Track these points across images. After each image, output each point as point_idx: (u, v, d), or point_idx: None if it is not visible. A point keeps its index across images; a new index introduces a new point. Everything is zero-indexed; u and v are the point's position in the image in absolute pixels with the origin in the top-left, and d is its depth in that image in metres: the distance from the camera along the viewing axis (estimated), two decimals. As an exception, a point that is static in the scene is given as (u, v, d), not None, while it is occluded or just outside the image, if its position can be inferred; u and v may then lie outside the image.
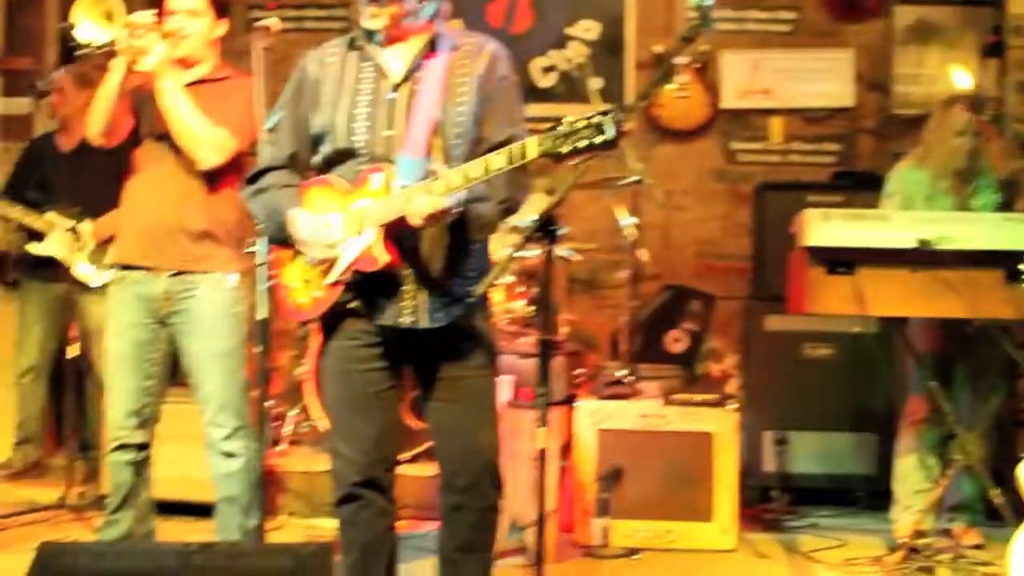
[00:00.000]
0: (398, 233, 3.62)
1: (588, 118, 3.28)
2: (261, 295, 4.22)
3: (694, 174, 7.88)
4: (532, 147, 3.36)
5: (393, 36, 3.78)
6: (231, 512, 4.74)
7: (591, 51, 7.88)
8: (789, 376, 6.66)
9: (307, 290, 3.80)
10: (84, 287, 6.37)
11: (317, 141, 3.84)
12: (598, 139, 3.26)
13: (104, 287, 6.15)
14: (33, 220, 6.36)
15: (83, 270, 6.32)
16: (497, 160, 3.43)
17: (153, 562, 3.55)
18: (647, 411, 5.85)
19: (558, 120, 3.34)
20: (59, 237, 6.37)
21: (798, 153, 7.86)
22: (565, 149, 3.30)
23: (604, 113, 3.27)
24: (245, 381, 4.76)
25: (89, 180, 6.04)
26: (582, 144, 3.28)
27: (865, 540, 5.95)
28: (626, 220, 6.34)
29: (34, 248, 6.42)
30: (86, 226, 6.36)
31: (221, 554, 3.58)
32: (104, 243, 6.16)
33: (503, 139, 3.63)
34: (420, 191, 3.49)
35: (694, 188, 7.88)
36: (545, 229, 3.82)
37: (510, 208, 3.77)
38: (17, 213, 6.34)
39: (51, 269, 6.43)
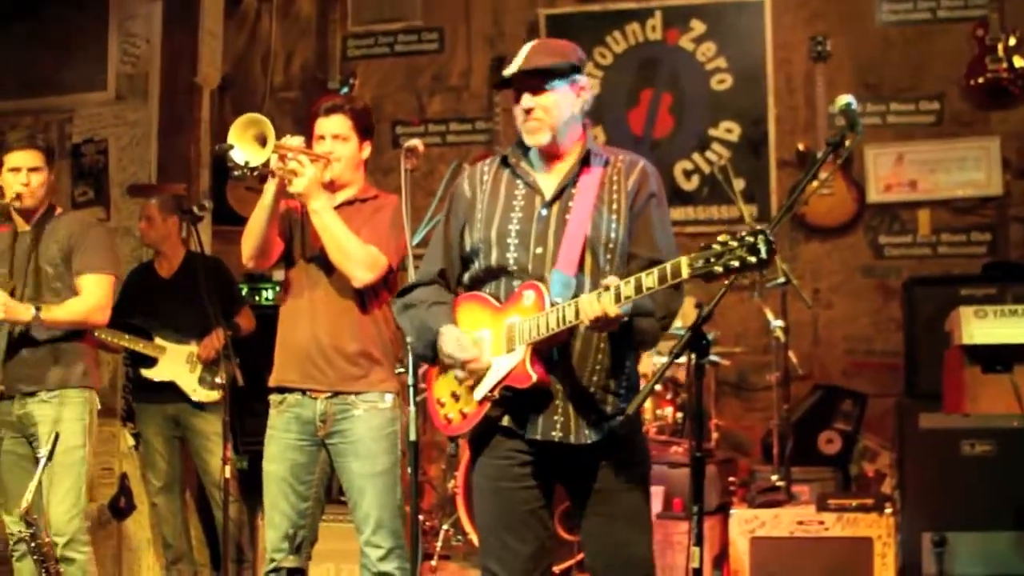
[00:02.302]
0: (549, 351, 3.62)
1: (741, 238, 3.20)
2: (412, 415, 4.24)
3: (842, 271, 7.79)
4: (685, 267, 3.30)
5: (550, 154, 3.80)
6: None
7: (733, 152, 7.89)
8: (947, 474, 6.42)
9: (456, 405, 3.80)
10: (195, 406, 6.55)
11: (468, 259, 3.87)
12: (751, 258, 3.18)
13: (213, 404, 6.37)
14: (144, 347, 6.55)
15: (199, 391, 6.51)
16: (649, 279, 3.38)
17: None
18: (802, 517, 5.75)
19: (711, 238, 3.29)
20: (172, 361, 6.56)
21: (947, 245, 7.73)
22: (718, 269, 3.22)
23: (756, 233, 3.18)
24: (400, 500, 4.75)
25: (191, 303, 6.18)
26: (735, 264, 3.20)
27: (1033, 646, 5.75)
28: (775, 322, 6.28)
29: (151, 373, 6.59)
30: (193, 348, 6.53)
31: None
32: (210, 363, 6.31)
33: (654, 257, 3.62)
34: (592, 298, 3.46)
35: (842, 285, 7.79)
36: (694, 342, 3.78)
37: (668, 324, 3.75)
38: (127, 342, 6.49)
39: (162, 391, 6.59)
